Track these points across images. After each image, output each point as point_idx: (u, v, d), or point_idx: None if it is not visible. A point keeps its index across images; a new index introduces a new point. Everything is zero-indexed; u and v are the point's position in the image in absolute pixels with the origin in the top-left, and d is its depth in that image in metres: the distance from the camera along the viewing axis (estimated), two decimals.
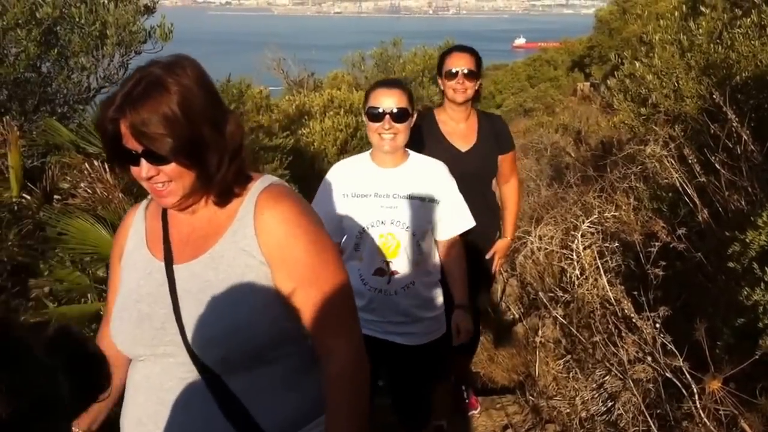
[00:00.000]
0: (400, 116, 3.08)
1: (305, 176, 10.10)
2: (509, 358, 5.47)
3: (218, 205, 1.84)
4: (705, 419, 3.17)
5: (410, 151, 3.27)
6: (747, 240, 3.35)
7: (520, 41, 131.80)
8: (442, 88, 4.09)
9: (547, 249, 5.65)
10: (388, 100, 3.07)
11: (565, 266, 5.20)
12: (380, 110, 3.08)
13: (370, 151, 3.29)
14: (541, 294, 5.06)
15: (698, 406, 3.20)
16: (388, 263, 3.19)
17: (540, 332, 5.05)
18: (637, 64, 6.62)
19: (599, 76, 21.40)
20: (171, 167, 1.70)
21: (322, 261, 1.84)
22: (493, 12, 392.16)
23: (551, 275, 5.53)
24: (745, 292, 3.15)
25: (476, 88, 4.01)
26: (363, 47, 22.65)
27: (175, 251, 1.86)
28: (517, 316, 6.00)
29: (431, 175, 3.24)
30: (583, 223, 5.16)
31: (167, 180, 1.72)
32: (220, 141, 1.74)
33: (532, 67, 33.40)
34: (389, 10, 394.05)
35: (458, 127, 4.10)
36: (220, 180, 1.77)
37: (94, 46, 6.78)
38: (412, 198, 3.16)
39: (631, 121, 6.60)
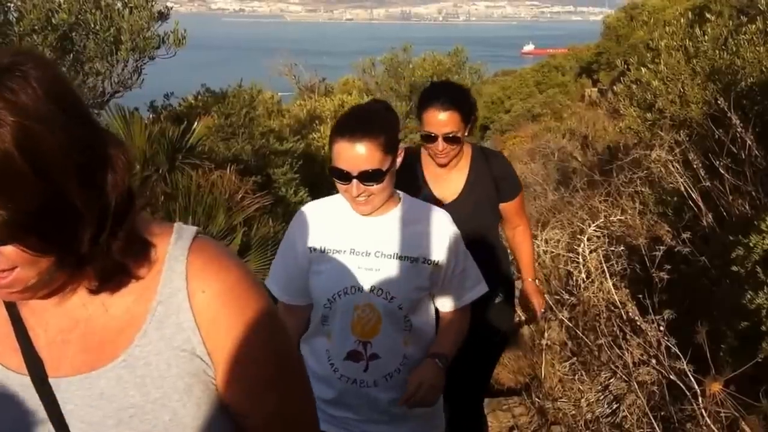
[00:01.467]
0: (372, 177, 2.23)
1: (315, 180, 10.18)
2: (515, 360, 5.49)
3: (101, 291, 1.12)
4: (707, 420, 3.19)
5: (402, 194, 2.47)
6: (750, 244, 3.38)
7: (529, 48, 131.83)
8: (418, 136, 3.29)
9: (553, 252, 5.68)
10: (355, 158, 2.21)
11: (571, 269, 5.22)
12: (344, 171, 2.24)
13: None
14: (547, 297, 5.07)
15: (700, 406, 3.23)
16: (365, 344, 2.39)
17: (546, 335, 5.06)
18: (644, 70, 6.67)
19: (607, 82, 21.42)
20: (10, 250, 0.98)
21: (283, 355, 1.27)
22: (502, 19, 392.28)
23: (557, 278, 5.55)
24: (749, 296, 3.18)
25: (461, 143, 3.20)
26: (374, 53, 22.81)
27: (47, 358, 1.13)
28: (523, 318, 6.02)
29: (428, 228, 2.44)
30: (589, 226, 5.19)
31: (7, 268, 1.01)
32: (94, 199, 1.02)
33: (541, 73, 33.43)
34: (400, 17, 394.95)
35: (443, 172, 3.33)
36: (101, 259, 1.07)
37: (109, 52, 6.87)
38: (400, 258, 2.37)
39: (637, 126, 6.63)
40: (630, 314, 4.02)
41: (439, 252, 2.42)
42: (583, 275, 4.96)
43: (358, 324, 2.38)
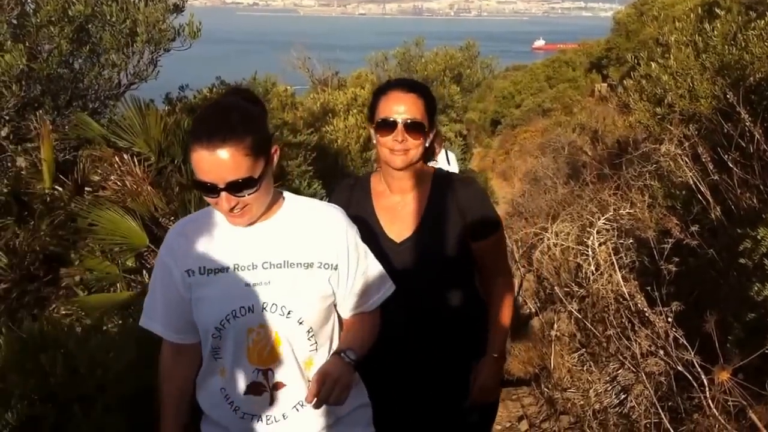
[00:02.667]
0: (243, 186, 1.89)
1: (328, 172, 10.23)
2: (525, 351, 5.54)
3: None
4: (714, 411, 3.22)
5: (286, 193, 2.17)
6: (758, 237, 3.42)
7: (540, 43, 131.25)
8: (374, 143, 2.67)
9: (563, 245, 5.70)
10: (218, 167, 1.87)
11: (581, 262, 5.25)
12: (208, 184, 1.88)
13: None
14: (557, 289, 5.11)
15: (708, 396, 3.26)
16: (265, 372, 2.05)
17: (555, 326, 5.10)
18: (653, 65, 6.69)
19: (617, 77, 21.35)
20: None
21: None
22: (513, 14, 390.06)
23: (567, 271, 5.57)
24: (756, 288, 3.23)
25: (426, 144, 2.58)
26: (386, 47, 22.86)
27: None
28: (533, 310, 6.07)
29: (319, 227, 2.10)
30: (599, 220, 5.21)
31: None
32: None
33: (551, 68, 33.36)
34: (412, 11, 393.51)
35: (396, 203, 2.67)
36: None
37: (125, 44, 6.92)
38: (291, 266, 2.04)
39: (646, 120, 6.65)
40: (638, 306, 4.05)
41: (335, 253, 2.08)
42: (593, 267, 4.98)
43: (255, 350, 2.02)
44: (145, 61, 7.17)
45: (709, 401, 3.23)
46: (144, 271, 5.15)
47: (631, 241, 4.93)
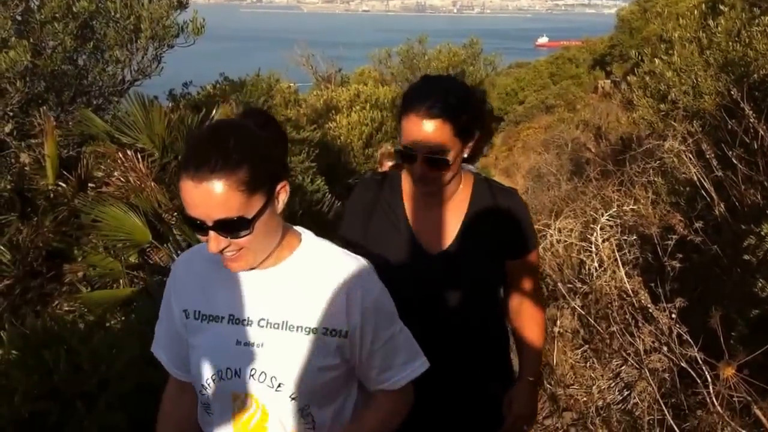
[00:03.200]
0: (234, 227, 1.56)
1: (331, 169, 10.24)
2: None
3: None
4: (718, 407, 3.21)
5: (304, 233, 1.80)
6: (762, 233, 3.41)
7: (543, 40, 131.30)
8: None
9: (566, 241, 5.68)
10: (204, 202, 1.53)
11: (584, 258, 5.24)
12: (196, 220, 1.55)
13: None
14: (560, 285, 5.09)
15: (712, 392, 3.25)
16: None
17: (559, 322, 5.08)
18: (657, 61, 6.67)
19: (620, 74, 21.35)
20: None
21: None
22: (516, 11, 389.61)
23: (570, 267, 5.56)
24: (760, 284, 3.23)
25: (458, 161, 2.23)
26: (389, 44, 22.86)
27: None
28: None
29: (330, 284, 1.70)
30: (602, 216, 5.20)
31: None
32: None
33: (555, 65, 33.41)
34: (415, 8, 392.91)
35: (432, 208, 2.34)
36: None
37: (129, 40, 6.94)
38: (291, 328, 1.69)
39: (650, 117, 6.64)
40: (642, 302, 4.03)
41: (346, 317, 1.69)
42: (596, 264, 4.97)
43: (240, 419, 1.74)
44: (149, 58, 7.19)
45: (713, 397, 3.22)
46: (147, 268, 5.16)
47: (634, 237, 4.92)
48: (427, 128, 2.10)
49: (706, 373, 3.28)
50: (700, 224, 4.20)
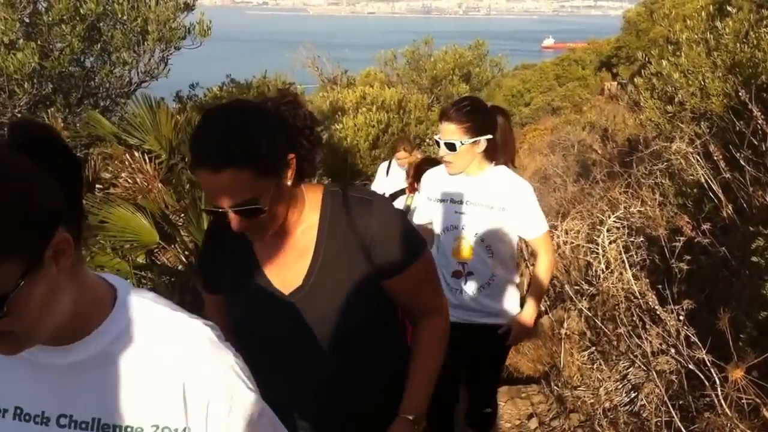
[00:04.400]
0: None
1: (338, 170, 10.25)
2: (535, 349, 5.52)
3: None
4: (726, 409, 3.20)
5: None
6: None
7: (549, 42, 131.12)
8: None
9: (573, 243, 5.68)
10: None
11: (591, 260, 5.22)
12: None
13: None
14: (567, 287, 5.09)
15: (720, 394, 3.24)
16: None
17: (565, 324, 5.08)
18: (664, 62, 6.66)
19: (626, 76, 21.33)
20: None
21: None
22: (522, 13, 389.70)
23: (577, 269, 5.55)
24: None
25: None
26: (395, 46, 22.84)
27: None
28: (543, 308, 6.04)
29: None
30: (609, 218, 5.18)
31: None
32: None
33: (561, 67, 33.31)
34: (421, 10, 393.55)
35: (280, 240, 1.91)
36: None
37: (136, 42, 6.98)
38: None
39: (657, 118, 6.63)
40: (649, 304, 4.02)
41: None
42: (603, 266, 4.96)
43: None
44: (156, 60, 7.23)
45: (722, 399, 3.21)
46: (154, 268, 5.17)
47: (641, 239, 4.91)
48: (222, 182, 1.69)
49: (714, 375, 3.27)
50: (708, 226, 4.19)
